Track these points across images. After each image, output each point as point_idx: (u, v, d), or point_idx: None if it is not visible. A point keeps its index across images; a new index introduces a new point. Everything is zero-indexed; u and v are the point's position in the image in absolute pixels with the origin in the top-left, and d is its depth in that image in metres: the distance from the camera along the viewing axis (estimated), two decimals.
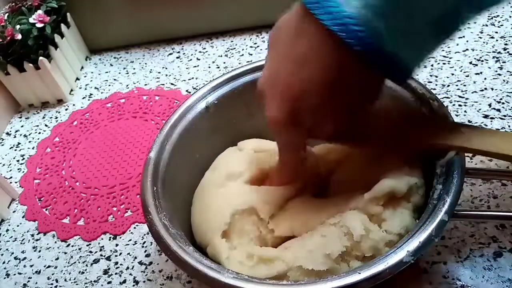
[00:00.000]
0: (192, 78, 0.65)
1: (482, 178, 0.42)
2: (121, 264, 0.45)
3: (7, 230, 0.51)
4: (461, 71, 0.56)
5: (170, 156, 0.40)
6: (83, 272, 0.45)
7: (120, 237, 0.48)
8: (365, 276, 0.28)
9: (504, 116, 0.49)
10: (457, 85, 0.54)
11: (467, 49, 0.59)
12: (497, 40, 0.59)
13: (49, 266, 0.46)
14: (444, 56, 0.58)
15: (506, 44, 0.58)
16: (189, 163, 0.43)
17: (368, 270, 0.28)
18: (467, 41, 0.60)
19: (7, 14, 0.63)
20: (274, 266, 0.33)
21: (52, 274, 0.46)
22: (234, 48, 0.69)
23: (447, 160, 0.33)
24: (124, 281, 0.43)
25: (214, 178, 0.41)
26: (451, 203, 0.31)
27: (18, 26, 0.60)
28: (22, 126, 0.65)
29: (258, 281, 0.30)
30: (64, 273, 0.45)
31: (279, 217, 0.38)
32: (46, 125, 0.64)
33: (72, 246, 0.48)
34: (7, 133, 0.64)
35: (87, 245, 0.48)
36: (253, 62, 0.46)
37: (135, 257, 0.45)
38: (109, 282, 0.44)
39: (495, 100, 0.51)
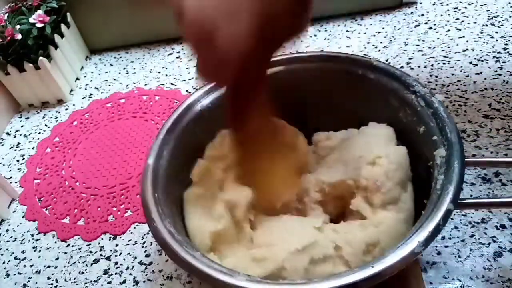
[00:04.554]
0: (192, 78, 0.65)
1: (481, 166, 0.44)
2: (121, 264, 0.45)
3: (7, 230, 0.51)
4: (461, 71, 0.56)
5: (168, 161, 0.40)
6: (83, 272, 0.45)
7: (120, 237, 0.48)
8: (373, 272, 0.28)
9: (504, 116, 0.49)
10: (457, 85, 0.54)
11: (467, 49, 0.59)
12: (497, 40, 0.59)
13: (49, 266, 0.46)
14: (444, 56, 0.58)
15: (506, 44, 0.58)
16: (188, 166, 0.42)
17: (380, 263, 0.28)
18: (467, 41, 0.60)
19: (7, 14, 0.63)
20: (267, 265, 0.33)
21: (52, 274, 0.46)
22: None
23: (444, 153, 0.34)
24: (124, 281, 0.43)
25: (195, 190, 0.40)
26: (455, 192, 0.31)
27: (18, 26, 0.60)
28: (22, 126, 0.65)
29: (271, 282, 0.30)
30: (64, 273, 0.45)
31: (262, 226, 0.38)
32: (46, 125, 0.64)
33: (72, 246, 0.48)
34: (7, 133, 0.64)
35: (87, 245, 0.48)
36: None
37: (135, 257, 0.45)
38: (109, 282, 0.44)
39: (495, 100, 0.51)
